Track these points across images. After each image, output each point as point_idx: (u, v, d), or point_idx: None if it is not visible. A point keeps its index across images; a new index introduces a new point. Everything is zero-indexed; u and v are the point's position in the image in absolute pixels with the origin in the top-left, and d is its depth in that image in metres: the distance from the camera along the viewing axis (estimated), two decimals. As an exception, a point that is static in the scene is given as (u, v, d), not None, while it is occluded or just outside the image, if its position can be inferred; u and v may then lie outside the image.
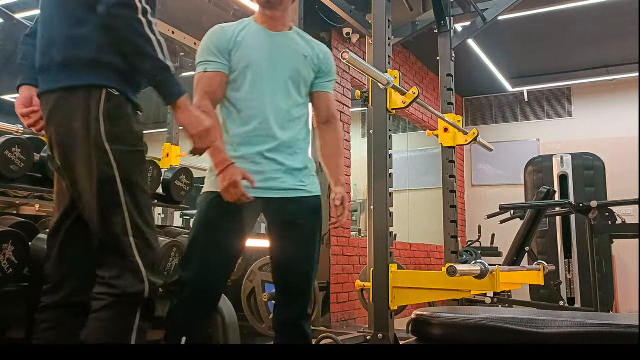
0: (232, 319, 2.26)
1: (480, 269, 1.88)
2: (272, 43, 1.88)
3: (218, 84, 1.82)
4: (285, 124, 1.84)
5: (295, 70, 1.88)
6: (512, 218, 4.53)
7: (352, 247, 4.99)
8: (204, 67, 1.83)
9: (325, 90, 1.98)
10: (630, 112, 6.78)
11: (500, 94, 7.73)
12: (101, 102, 1.44)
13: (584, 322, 1.35)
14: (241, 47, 1.83)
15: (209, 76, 1.82)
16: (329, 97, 2.00)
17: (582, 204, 3.46)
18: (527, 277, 2.48)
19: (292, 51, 1.90)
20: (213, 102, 1.82)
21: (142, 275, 1.45)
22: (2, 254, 1.69)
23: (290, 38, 1.93)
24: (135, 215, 1.47)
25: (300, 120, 1.90)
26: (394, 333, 2.19)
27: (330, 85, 2.01)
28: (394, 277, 2.15)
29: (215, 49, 1.83)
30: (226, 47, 1.83)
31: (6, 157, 1.88)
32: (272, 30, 1.90)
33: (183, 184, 2.62)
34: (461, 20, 4.34)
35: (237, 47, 1.83)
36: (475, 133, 3.16)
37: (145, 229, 1.48)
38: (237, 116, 1.84)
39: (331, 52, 2.02)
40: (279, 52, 1.88)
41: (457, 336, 1.46)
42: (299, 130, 1.89)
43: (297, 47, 1.92)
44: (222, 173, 1.70)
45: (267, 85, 1.83)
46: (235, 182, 1.68)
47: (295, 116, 1.88)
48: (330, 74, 1.99)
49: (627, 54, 6.32)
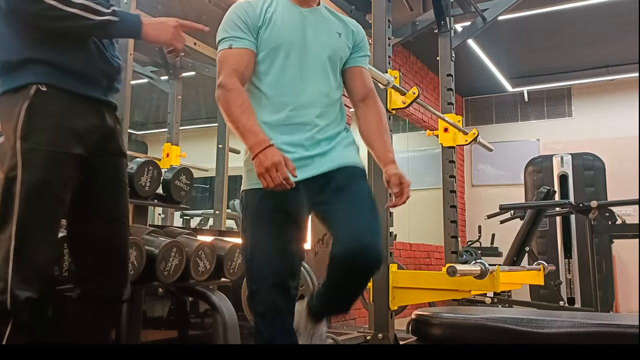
0: (232, 319, 2.26)
1: (480, 269, 1.89)
2: (305, 21, 1.69)
3: (247, 62, 1.63)
4: (325, 109, 1.68)
5: (332, 50, 1.71)
6: (512, 218, 4.53)
7: (352, 247, 4.98)
8: (228, 42, 1.63)
9: (361, 65, 1.81)
10: (630, 112, 6.77)
11: (500, 94, 7.73)
12: (27, 99, 1.41)
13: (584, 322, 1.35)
14: (271, 25, 1.64)
15: (237, 53, 1.62)
16: (364, 72, 1.82)
17: (582, 204, 3.47)
18: (527, 277, 2.48)
19: (327, 29, 1.73)
20: (242, 81, 1.62)
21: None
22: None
23: (322, 14, 1.75)
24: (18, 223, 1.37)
25: (337, 104, 1.76)
26: (394, 333, 2.19)
27: (365, 60, 1.84)
28: (394, 277, 2.15)
29: (242, 24, 1.64)
30: (255, 24, 1.64)
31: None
32: (302, 7, 1.71)
33: (183, 184, 2.61)
34: (461, 20, 4.34)
35: (267, 25, 1.64)
36: (475, 133, 3.16)
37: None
38: (266, 103, 1.65)
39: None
40: (314, 30, 1.69)
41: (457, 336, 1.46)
42: (336, 115, 1.74)
43: (330, 24, 1.75)
44: (259, 154, 1.47)
45: (302, 68, 1.65)
46: (276, 163, 1.44)
47: (334, 99, 1.73)
48: (365, 49, 1.82)
49: (627, 54, 6.32)
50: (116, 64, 1.59)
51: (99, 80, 1.53)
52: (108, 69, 1.56)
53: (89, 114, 1.50)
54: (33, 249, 1.38)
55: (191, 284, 2.31)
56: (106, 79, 1.55)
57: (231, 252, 2.48)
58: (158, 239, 2.18)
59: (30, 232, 1.37)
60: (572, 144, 6.80)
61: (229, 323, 2.24)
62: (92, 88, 1.51)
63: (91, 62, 1.50)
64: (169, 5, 3.66)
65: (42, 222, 1.40)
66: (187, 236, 2.43)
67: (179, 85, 3.94)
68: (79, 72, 1.48)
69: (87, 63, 1.49)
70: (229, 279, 2.48)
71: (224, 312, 2.25)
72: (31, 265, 1.37)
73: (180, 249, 2.20)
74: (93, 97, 1.51)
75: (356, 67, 1.80)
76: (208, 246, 2.37)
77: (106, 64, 1.55)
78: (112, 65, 1.57)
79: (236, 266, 2.50)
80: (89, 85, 1.50)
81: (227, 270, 2.45)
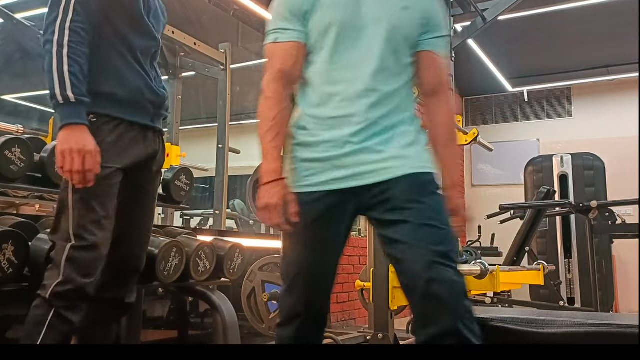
0: (232, 319, 2.26)
1: (480, 269, 1.89)
2: None
3: (295, 58, 1.44)
4: (382, 98, 1.42)
5: (392, 27, 1.43)
6: (512, 218, 4.52)
7: (352, 247, 4.99)
8: (274, 36, 1.46)
9: (434, 49, 1.50)
10: (630, 112, 6.77)
11: (500, 94, 7.73)
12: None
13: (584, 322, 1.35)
14: (319, 6, 1.43)
15: (283, 48, 1.45)
16: (437, 60, 1.51)
17: (582, 204, 3.46)
18: (527, 277, 2.48)
19: (388, 3, 1.45)
20: (288, 81, 1.46)
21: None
22: (2, 254, 1.69)
23: None
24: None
25: (402, 91, 1.47)
26: (394, 333, 2.19)
27: (441, 43, 1.51)
28: (394, 277, 2.15)
29: (287, 13, 1.45)
30: (300, 9, 1.44)
31: (6, 157, 1.88)
32: None
33: (183, 184, 2.62)
34: (461, 20, 4.34)
35: (314, 7, 1.43)
36: (475, 133, 3.16)
37: None
38: (312, 93, 1.46)
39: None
40: (372, 4, 1.44)
41: (457, 336, 1.46)
42: (398, 104, 1.45)
43: None
44: (263, 186, 1.36)
45: (355, 52, 1.43)
46: (269, 206, 1.34)
47: (396, 87, 1.45)
48: (440, 29, 1.51)
49: (627, 54, 6.32)
50: (161, 94, 1.77)
51: (146, 108, 1.71)
52: (154, 99, 1.73)
53: (135, 137, 1.68)
54: (89, 250, 1.52)
55: (191, 284, 2.31)
56: (152, 106, 1.73)
57: (231, 252, 2.47)
58: (158, 239, 2.18)
59: (84, 236, 1.52)
60: (572, 144, 6.80)
61: (229, 323, 2.24)
62: (139, 115, 1.69)
63: (138, 93, 1.69)
64: (169, 5, 3.66)
65: (94, 227, 1.54)
66: (187, 236, 2.43)
67: (179, 85, 3.94)
68: (127, 101, 1.65)
69: (134, 94, 1.67)
70: (229, 279, 2.48)
71: (224, 312, 2.25)
72: (88, 267, 1.52)
73: (180, 249, 2.20)
74: (139, 122, 1.69)
75: (428, 52, 1.49)
76: (208, 246, 2.37)
77: (152, 94, 1.73)
78: (157, 95, 1.75)
79: (236, 266, 2.50)
80: (136, 113, 1.68)
81: (227, 270, 2.45)
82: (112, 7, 1.63)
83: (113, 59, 1.65)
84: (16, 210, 2.64)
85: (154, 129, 1.76)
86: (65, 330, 1.47)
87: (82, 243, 1.50)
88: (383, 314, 2.14)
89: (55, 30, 1.51)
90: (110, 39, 1.64)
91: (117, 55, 1.65)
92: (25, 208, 2.71)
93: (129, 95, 1.66)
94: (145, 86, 1.71)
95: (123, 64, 1.66)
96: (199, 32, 3.81)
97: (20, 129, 2.83)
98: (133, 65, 1.69)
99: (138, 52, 1.70)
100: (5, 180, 1.92)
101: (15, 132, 2.75)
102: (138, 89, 1.69)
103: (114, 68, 1.65)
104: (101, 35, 1.62)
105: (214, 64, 3.81)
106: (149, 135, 1.74)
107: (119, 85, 1.65)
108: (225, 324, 2.22)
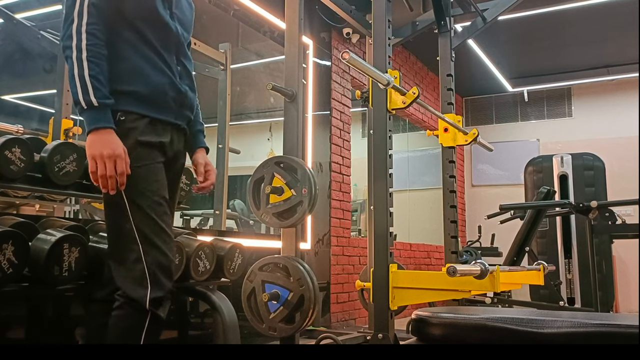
0: (232, 319, 2.26)
1: (480, 269, 1.88)
2: None
3: None
4: None
5: None
6: (512, 218, 4.52)
7: (352, 247, 4.99)
8: None
9: None
10: (630, 112, 6.78)
11: (500, 94, 7.73)
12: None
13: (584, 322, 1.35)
14: None
15: None
16: None
17: (582, 204, 3.46)
18: (527, 277, 2.48)
19: None
20: None
21: None
22: (2, 254, 1.69)
23: None
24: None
25: None
26: (394, 333, 2.19)
27: None
28: (394, 277, 2.15)
29: None
30: None
31: (6, 157, 1.88)
32: None
33: (183, 184, 2.61)
34: (461, 20, 4.34)
35: None
36: (475, 133, 3.15)
37: None
38: None
39: (330, 52, 1.93)
40: None
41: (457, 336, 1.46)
42: None
43: None
44: None
45: None
46: None
47: None
48: None
49: (627, 54, 6.32)
50: (184, 90, 1.75)
51: (170, 106, 1.70)
52: (177, 96, 1.72)
53: (162, 134, 1.68)
54: (155, 250, 1.55)
55: (191, 284, 2.31)
56: (175, 104, 1.72)
57: (231, 252, 2.47)
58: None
59: (148, 237, 1.55)
60: (572, 144, 6.80)
61: (229, 323, 2.23)
62: (164, 112, 1.69)
63: (161, 90, 1.68)
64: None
65: (156, 225, 1.58)
66: (187, 236, 2.43)
67: (179, 85, 3.93)
68: (150, 99, 1.65)
69: (157, 91, 1.67)
70: (229, 279, 2.48)
71: (224, 312, 2.25)
72: (158, 265, 1.55)
73: (180, 249, 2.20)
74: (164, 120, 1.69)
75: None
76: (208, 246, 2.37)
77: (175, 90, 1.72)
78: (180, 92, 1.73)
79: (236, 266, 2.50)
80: (161, 110, 1.68)
81: (227, 270, 2.45)
82: (126, 4, 1.62)
83: (133, 56, 1.64)
84: (16, 210, 2.64)
85: (178, 127, 1.75)
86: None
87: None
88: (383, 314, 2.13)
89: (72, 34, 1.52)
90: (129, 37, 1.63)
91: (137, 52, 1.64)
92: (25, 208, 2.71)
93: (152, 92, 1.65)
94: (168, 83, 1.70)
95: (143, 60, 1.65)
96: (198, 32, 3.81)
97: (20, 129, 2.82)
98: (155, 61, 1.67)
99: (159, 47, 1.68)
100: (5, 180, 1.92)
101: (15, 132, 2.75)
102: (161, 86, 1.68)
103: (135, 66, 1.64)
104: (119, 33, 1.61)
105: (214, 64, 3.81)
106: (173, 134, 1.73)
107: (142, 82, 1.64)
108: (225, 324, 2.22)
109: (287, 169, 2.24)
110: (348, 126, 5.10)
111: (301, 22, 2.48)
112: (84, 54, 1.50)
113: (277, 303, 2.15)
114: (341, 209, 4.89)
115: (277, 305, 2.15)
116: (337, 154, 4.89)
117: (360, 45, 5.18)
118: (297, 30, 2.46)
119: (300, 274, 2.14)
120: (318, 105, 4.70)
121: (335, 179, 4.82)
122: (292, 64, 2.42)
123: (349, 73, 5.15)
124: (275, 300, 2.14)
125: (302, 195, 2.18)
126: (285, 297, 2.14)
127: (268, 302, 2.16)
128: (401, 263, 5.24)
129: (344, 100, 5.07)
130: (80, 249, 1.88)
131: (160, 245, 1.55)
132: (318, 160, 4.65)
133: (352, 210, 5.35)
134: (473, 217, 7.46)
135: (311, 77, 4.55)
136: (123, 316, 1.52)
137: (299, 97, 2.39)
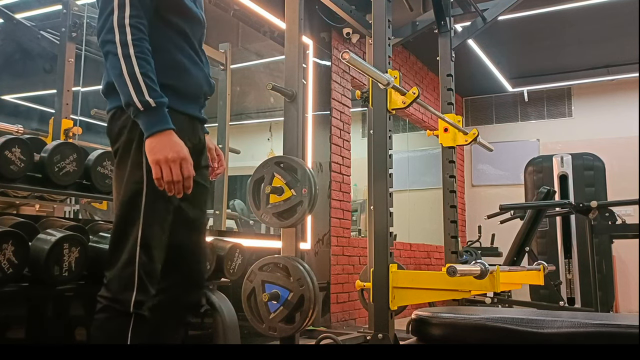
0: (232, 319, 2.26)
1: (480, 269, 1.88)
2: None
3: None
4: None
5: None
6: (512, 218, 4.52)
7: (352, 247, 4.99)
8: None
9: None
10: (630, 112, 6.77)
11: (500, 94, 7.73)
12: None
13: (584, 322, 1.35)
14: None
15: None
16: None
17: (582, 204, 3.46)
18: (527, 277, 2.48)
19: None
20: None
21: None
22: (2, 254, 1.69)
23: None
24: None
25: None
26: (394, 333, 2.19)
27: None
28: (394, 277, 2.15)
29: None
30: None
31: (6, 157, 1.88)
32: None
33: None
34: (461, 20, 4.34)
35: None
36: (475, 133, 3.15)
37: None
38: None
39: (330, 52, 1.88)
40: None
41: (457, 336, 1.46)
42: None
43: None
44: None
45: None
46: None
47: None
48: None
49: (627, 54, 6.32)
50: (213, 84, 1.68)
51: (200, 101, 1.63)
52: (209, 90, 1.66)
53: (193, 135, 1.59)
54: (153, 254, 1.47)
55: (191, 284, 2.31)
56: (203, 97, 1.64)
57: (231, 252, 2.48)
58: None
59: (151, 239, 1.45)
60: (572, 144, 6.80)
61: (229, 323, 2.23)
62: (196, 108, 1.61)
63: (198, 85, 1.60)
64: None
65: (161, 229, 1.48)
66: (187, 236, 2.42)
67: (179, 85, 3.93)
68: (187, 94, 1.56)
69: (195, 86, 1.59)
70: (229, 279, 2.48)
71: (224, 312, 2.25)
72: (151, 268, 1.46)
73: (180, 249, 2.20)
74: (195, 116, 1.60)
75: None
76: (208, 246, 2.37)
77: (208, 85, 1.65)
78: (210, 86, 1.67)
79: (236, 266, 2.50)
80: (195, 106, 1.60)
81: (227, 270, 2.45)
82: None
83: (172, 49, 1.53)
84: (16, 210, 2.64)
85: (201, 121, 1.66)
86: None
87: None
88: (383, 314, 2.13)
89: (113, 28, 1.38)
90: (164, 28, 1.52)
91: (174, 45, 1.54)
92: (25, 208, 2.71)
93: (191, 87, 1.57)
94: (203, 76, 1.62)
95: (180, 53, 1.55)
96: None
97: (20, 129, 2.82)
98: (190, 53, 1.58)
99: (191, 37, 1.59)
100: (5, 180, 1.92)
101: (15, 132, 2.75)
102: (198, 80, 1.60)
103: (175, 59, 1.53)
104: (155, 24, 1.49)
105: (214, 64, 3.81)
106: (198, 128, 1.63)
107: (183, 77, 1.54)
108: (225, 324, 2.22)
109: (287, 169, 2.25)
110: (348, 126, 5.10)
111: (301, 22, 2.48)
112: (131, 49, 1.36)
113: (277, 303, 2.14)
114: (341, 209, 4.89)
115: (277, 305, 2.15)
116: (337, 154, 4.89)
117: (360, 45, 5.18)
118: (297, 30, 2.46)
119: (300, 274, 2.13)
120: (318, 105, 4.70)
121: (335, 179, 4.82)
122: (292, 64, 2.42)
123: (349, 73, 5.16)
124: (275, 300, 2.14)
125: (302, 195, 2.18)
126: (285, 297, 2.13)
127: (268, 302, 2.16)
128: (401, 263, 5.24)
129: (344, 100, 5.07)
130: (80, 249, 1.88)
131: (155, 254, 1.47)
132: (318, 160, 4.65)
133: (352, 210, 5.36)
134: (473, 217, 7.46)
135: (311, 77, 4.55)
136: (107, 319, 1.45)
137: (299, 97, 2.39)
